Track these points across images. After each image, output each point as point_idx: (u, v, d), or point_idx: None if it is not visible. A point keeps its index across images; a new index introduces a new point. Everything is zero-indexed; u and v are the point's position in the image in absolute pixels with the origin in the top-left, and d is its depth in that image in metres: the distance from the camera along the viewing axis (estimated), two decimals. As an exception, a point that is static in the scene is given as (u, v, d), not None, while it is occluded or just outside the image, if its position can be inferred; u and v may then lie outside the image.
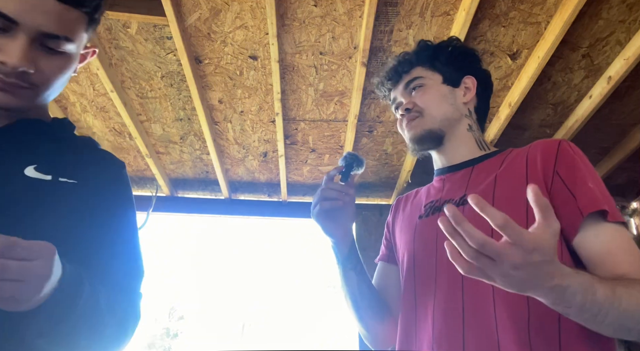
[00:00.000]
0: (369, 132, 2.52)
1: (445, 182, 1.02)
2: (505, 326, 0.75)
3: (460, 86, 1.06)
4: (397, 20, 1.87)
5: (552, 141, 0.88)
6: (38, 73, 0.71)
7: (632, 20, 1.83)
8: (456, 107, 1.04)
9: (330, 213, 0.96)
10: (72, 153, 0.80)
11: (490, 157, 0.99)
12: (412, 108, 1.04)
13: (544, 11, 1.82)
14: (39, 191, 0.70)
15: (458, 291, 0.82)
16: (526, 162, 0.88)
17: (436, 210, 0.97)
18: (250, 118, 2.43)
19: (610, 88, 2.02)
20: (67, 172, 0.75)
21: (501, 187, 0.87)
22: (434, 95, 1.03)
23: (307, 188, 2.96)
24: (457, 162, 1.02)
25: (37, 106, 0.80)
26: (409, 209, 1.09)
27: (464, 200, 0.91)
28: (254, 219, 3.06)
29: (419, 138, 1.03)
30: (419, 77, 1.06)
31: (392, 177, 2.85)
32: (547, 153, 0.86)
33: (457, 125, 1.04)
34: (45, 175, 0.72)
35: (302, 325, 17.32)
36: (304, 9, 1.84)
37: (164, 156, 2.72)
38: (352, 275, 1.00)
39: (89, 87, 2.24)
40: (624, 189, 2.70)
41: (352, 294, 1.01)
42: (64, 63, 0.75)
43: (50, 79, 0.74)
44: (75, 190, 0.75)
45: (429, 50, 1.08)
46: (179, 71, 2.13)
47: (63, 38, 0.72)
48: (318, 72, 2.14)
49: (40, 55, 0.71)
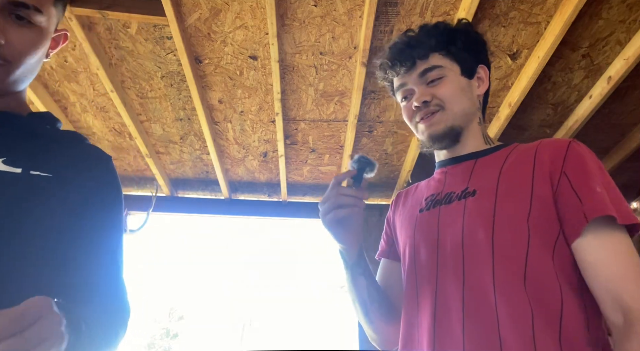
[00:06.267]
0: (369, 132, 2.52)
1: (447, 174, 0.98)
2: (506, 321, 0.73)
3: (474, 77, 1.00)
4: (397, 20, 1.87)
5: (563, 141, 0.85)
6: (8, 45, 0.70)
7: (632, 20, 1.83)
8: (473, 101, 0.98)
9: (342, 220, 0.91)
10: (51, 147, 0.77)
11: (494, 151, 0.95)
12: (430, 101, 0.94)
13: (544, 11, 1.82)
14: (7, 184, 0.68)
15: (459, 286, 0.81)
16: (534, 160, 0.85)
17: (437, 204, 0.94)
18: (250, 118, 2.43)
19: (610, 88, 2.02)
20: (41, 166, 0.72)
21: (505, 183, 0.85)
22: (455, 89, 0.95)
23: (307, 188, 2.97)
24: (461, 154, 0.98)
25: (12, 97, 0.77)
26: (409, 203, 1.05)
27: (466, 193, 0.88)
28: (254, 219, 3.06)
29: (440, 136, 0.95)
30: (439, 67, 0.96)
31: (392, 177, 2.85)
32: (556, 153, 0.83)
33: (473, 119, 0.99)
34: (15, 168, 0.69)
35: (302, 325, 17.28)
36: (304, 9, 1.84)
37: (164, 156, 2.72)
38: (361, 280, 0.97)
39: (89, 87, 2.24)
40: (624, 189, 2.67)
41: (361, 298, 0.98)
42: (35, 37, 0.74)
43: (22, 54, 0.72)
44: (50, 183, 0.72)
45: (446, 35, 0.98)
46: (179, 71, 2.13)
47: (32, 7, 0.71)
48: (318, 72, 2.14)
49: (10, 26, 0.70)
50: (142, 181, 2.87)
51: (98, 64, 2.00)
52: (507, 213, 0.81)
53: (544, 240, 0.78)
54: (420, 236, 0.94)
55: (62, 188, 0.73)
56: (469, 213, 0.85)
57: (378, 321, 0.99)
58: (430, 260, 0.88)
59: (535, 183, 0.81)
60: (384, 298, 1.01)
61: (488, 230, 0.80)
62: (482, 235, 0.81)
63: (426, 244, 0.91)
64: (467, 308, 0.78)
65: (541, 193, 0.80)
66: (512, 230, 0.79)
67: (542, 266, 0.76)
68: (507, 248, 0.78)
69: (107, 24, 1.90)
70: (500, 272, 0.77)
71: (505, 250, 0.78)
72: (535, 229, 0.78)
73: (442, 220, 0.90)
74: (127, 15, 1.84)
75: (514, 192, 0.82)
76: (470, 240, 0.82)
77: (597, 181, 0.78)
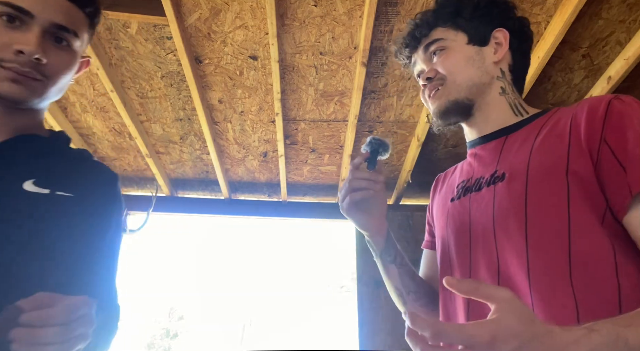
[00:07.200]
0: (369, 132, 2.51)
1: (476, 156, 0.91)
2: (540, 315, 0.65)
3: (489, 43, 0.91)
4: (397, 20, 1.87)
5: (601, 99, 0.72)
6: (48, 65, 0.77)
7: (632, 20, 1.83)
8: (485, 69, 0.90)
9: (361, 205, 0.88)
10: (69, 167, 0.84)
11: (527, 123, 0.86)
12: (433, 77, 0.90)
13: (544, 11, 1.82)
14: (37, 205, 0.74)
15: (494, 279, 0.74)
16: (569, 129, 0.73)
17: (467, 191, 0.87)
18: (250, 118, 2.43)
19: (610, 88, 2.02)
20: (64, 186, 0.79)
21: (536, 161, 0.75)
22: (457, 59, 0.89)
23: (307, 188, 2.97)
24: (489, 132, 0.90)
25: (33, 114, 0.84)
26: (444, 190, 0.99)
27: (496, 178, 0.81)
28: (254, 219, 3.06)
29: (444, 111, 0.89)
30: (439, 39, 0.91)
31: (392, 177, 2.85)
32: (593, 117, 0.71)
33: (488, 91, 0.90)
34: (44, 189, 0.76)
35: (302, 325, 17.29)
36: (304, 9, 1.84)
37: (164, 156, 2.72)
38: (392, 268, 0.93)
39: (89, 87, 2.24)
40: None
41: (396, 288, 0.94)
42: (69, 58, 0.81)
43: (58, 73, 0.80)
44: (72, 203, 0.79)
45: (450, 7, 0.93)
46: (179, 71, 2.13)
47: (72, 32, 0.80)
48: (318, 72, 2.14)
49: (50, 48, 0.78)
50: (142, 181, 2.87)
51: (98, 63, 2.00)
52: (541, 197, 0.72)
53: (588, 221, 0.68)
54: (452, 227, 0.88)
55: (81, 206, 0.80)
56: (499, 201, 0.78)
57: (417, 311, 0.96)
58: (463, 252, 0.83)
59: (571, 157, 0.71)
60: (423, 286, 0.96)
61: (520, 218, 0.73)
62: (514, 225, 0.73)
63: (458, 235, 0.86)
64: None
65: (579, 168, 0.70)
66: (548, 215, 0.71)
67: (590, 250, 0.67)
68: (543, 236, 0.70)
69: (107, 23, 1.90)
70: (535, 264, 0.69)
71: (541, 238, 0.70)
72: (577, 211, 0.68)
73: (473, 209, 0.83)
74: (127, 15, 1.84)
75: (547, 172, 0.73)
76: (502, 231, 0.75)
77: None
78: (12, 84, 0.74)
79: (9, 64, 0.73)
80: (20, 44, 0.73)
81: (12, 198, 0.73)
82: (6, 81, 0.74)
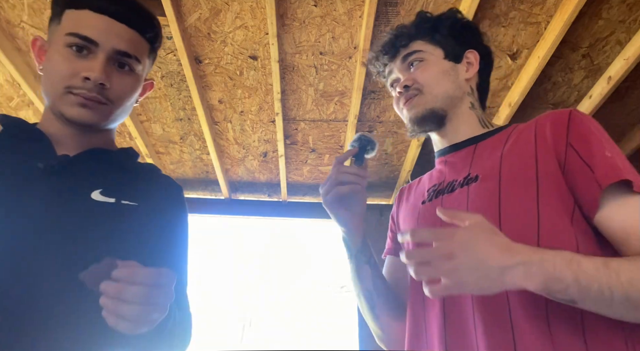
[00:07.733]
0: (369, 131, 2.51)
1: (447, 163, 0.95)
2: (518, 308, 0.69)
3: (462, 62, 0.98)
4: (397, 20, 1.87)
5: (562, 112, 0.79)
6: (113, 89, 0.83)
7: (632, 20, 1.83)
8: (458, 84, 0.96)
9: (343, 201, 0.89)
10: (135, 179, 0.89)
11: (493, 134, 0.92)
12: (411, 85, 0.95)
13: (544, 11, 1.82)
14: (103, 212, 0.80)
15: None
16: (535, 138, 0.80)
17: (439, 193, 0.90)
18: (250, 118, 2.43)
19: (610, 88, 2.02)
20: (129, 196, 0.84)
21: (508, 166, 0.80)
22: (434, 71, 0.95)
23: (307, 188, 2.96)
24: (459, 141, 0.95)
25: (104, 133, 0.90)
26: (412, 197, 1.03)
27: (469, 179, 0.85)
28: (254, 219, 3.06)
29: (420, 119, 0.94)
30: (418, 51, 0.97)
31: (392, 177, 2.85)
32: (557, 125, 0.77)
33: (460, 104, 0.96)
34: (109, 198, 0.81)
35: (302, 325, 17.30)
36: (304, 9, 1.84)
37: (164, 156, 2.72)
38: (366, 269, 0.94)
39: (89, 87, 2.24)
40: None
41: (367, 290, 0.94)
42: (132, 82, 0.87)
43: (122, 97, 0.85)
44: (136, 211, 0.84)
45: (429, 23, 0.99)
46: (179, 71, 2.13)
47: (134, 57, 0.85)
48: (318, 72, 2.14)
49: (114, 73, 0.83)
50: (142, 181, 2.87)
51: (98, 64, 2.00)
52: (513, 195, 0.77)
53: (557, 218, 0.72)
54: (424, 226, 0.90)
55: (146, 215, 0.85)
56: (473, 200, 0.82)
57: (384, 317, 0.95)
58: None
59: (539, 160, 0.77)
60: (391, 291, 0.97)
61: (494, 215, 0.76)
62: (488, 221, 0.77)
63: None
64: (477, 298, 0.74)
65: (547, 169, 0.75)
66: (520, 213, 0.75)
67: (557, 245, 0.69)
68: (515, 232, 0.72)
69: (107, 24, 1.90)
70: None
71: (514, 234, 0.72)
72: (546, 209, 0.73)
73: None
74: (127, 15, 1.84)
75: (518, 173, 0.78)
76: None
77: (605, 147, 0.73)
78: (82, 108, 0.80)
79: (77, 90, 0.79)
80: (86, 71, 0.79)
81: (81, 206, 0.79)
82: (76, 106, 0.80)
